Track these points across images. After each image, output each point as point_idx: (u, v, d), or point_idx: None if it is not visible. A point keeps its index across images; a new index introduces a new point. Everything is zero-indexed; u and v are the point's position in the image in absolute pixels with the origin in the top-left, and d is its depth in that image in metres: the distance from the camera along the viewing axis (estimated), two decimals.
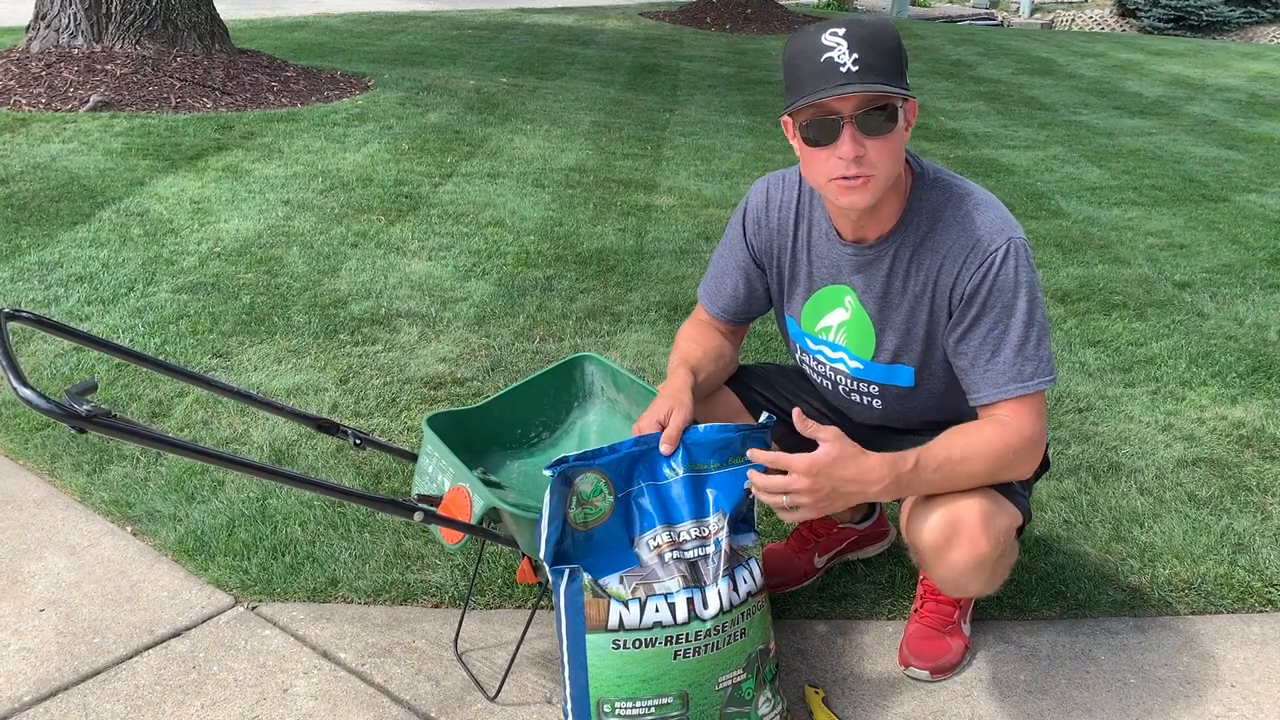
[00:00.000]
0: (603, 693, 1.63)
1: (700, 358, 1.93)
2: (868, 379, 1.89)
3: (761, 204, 1.92)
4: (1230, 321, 3.85)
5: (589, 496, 1.64)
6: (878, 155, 1.62)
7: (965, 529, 1.69)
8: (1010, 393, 1.70)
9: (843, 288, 1.85)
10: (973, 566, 1.72)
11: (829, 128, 1.61)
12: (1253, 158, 6.86)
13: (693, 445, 1.71)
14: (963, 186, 1.78)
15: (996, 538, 1.71)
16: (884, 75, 1.57)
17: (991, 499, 1.73)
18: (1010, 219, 1.74)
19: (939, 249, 1.73)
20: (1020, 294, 1.69)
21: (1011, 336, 1.70)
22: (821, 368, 1.96)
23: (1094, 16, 20.14)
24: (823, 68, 1.57)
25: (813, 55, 1.59)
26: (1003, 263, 1.69)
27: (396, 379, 3.13)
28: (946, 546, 1.71)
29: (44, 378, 3.01)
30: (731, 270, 1.97)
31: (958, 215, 1.74)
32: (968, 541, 1.69)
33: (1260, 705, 1.96)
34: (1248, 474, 2.78)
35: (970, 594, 1.82)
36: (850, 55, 1.56)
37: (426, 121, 6.54)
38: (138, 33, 7.00)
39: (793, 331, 1.98)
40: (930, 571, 1.79)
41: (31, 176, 4.87)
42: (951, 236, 1.73)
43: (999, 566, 1.77)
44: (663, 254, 4.36)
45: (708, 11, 14.62)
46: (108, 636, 2.04)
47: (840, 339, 1.88)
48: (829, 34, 1.58)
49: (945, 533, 1.70)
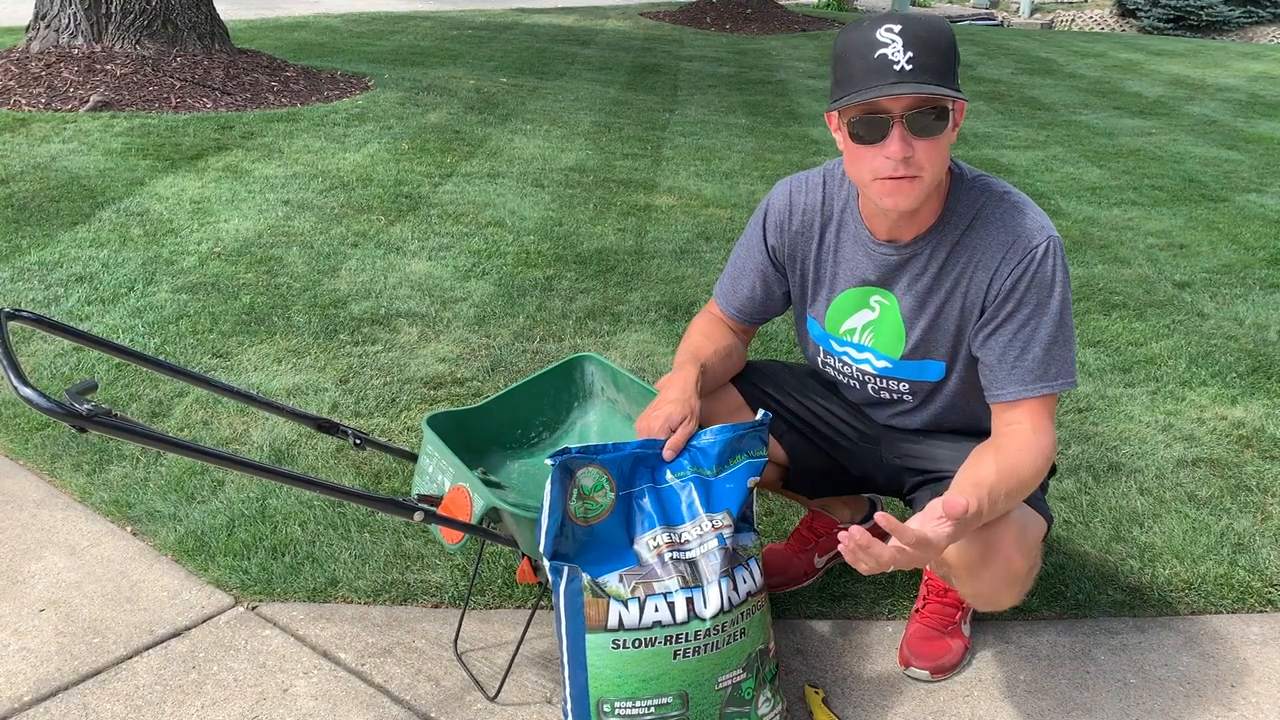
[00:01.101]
0: (602, 692, 1.63)
1: (711, 354, 1.93)
2: (897, 376, 1.87)
3: (784, 207, 1.90)
4: (1230, 321, 3.85)
5: (590, 491, 1.65)
6: (926, 156, 1.59)
7: (1000, 546, 1.66)
8: (1035, 391, 1.68)
9: (869, 289, 1.83)
10: (1006, 583, 1.69)
11: (878, 126, 1.57)
12: (1253, 158, 6.86)
13: (696, 450, 1.71)
14: (1000, 186, 1.77)
15: (1028, 551, 1.69)
16: (937, 76, 1.54)
17: (1020, 512, 1.70)
18: (1045, 219, 1.73)
19: (977, 246, 1.72)
20: (1055, 292, 1.68)
21: (1042, 334, 1.69)
22: (847, 369, 1.94)
23: (1094, 16, 20.14)
24: (876, 64, 1.54)
25: (866, 51, 1.55)
26: (1043, 259, 1.68)
27: (396, 379, 3.13)
28: (981, 564, 1.67)
29: (44, 377, 3.01)
30: (749, 272, 1.96)
31: (997, 213, 1.72)
32: (1002, 559, 1.66)
33: (1260, 705, 1.96)
34: (1248, 474, 2.78)
35: (1001, 608, 1.78)
36: (905, 54, 1.53)
37: (426, 121, 6.54)
38: (138, 33, 7.00)
39: (815, 334, 1.96)
40: (962, 587, 1.76)
41: (31, 176, 4.87)
42: (991, 233, 1.72)
43: (1029, 579, 1.75)
44: (663, 254, 4.36)
45: (708, 11, 14.62)
46: (108, 636, 2.04)
47: (867, 340, 1.87)
48: (884, 30, 1.55)
49: (979, 550, 1.65)
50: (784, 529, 2.45)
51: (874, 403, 1.98)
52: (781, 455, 2.06)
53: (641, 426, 1.75)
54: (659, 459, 1.71)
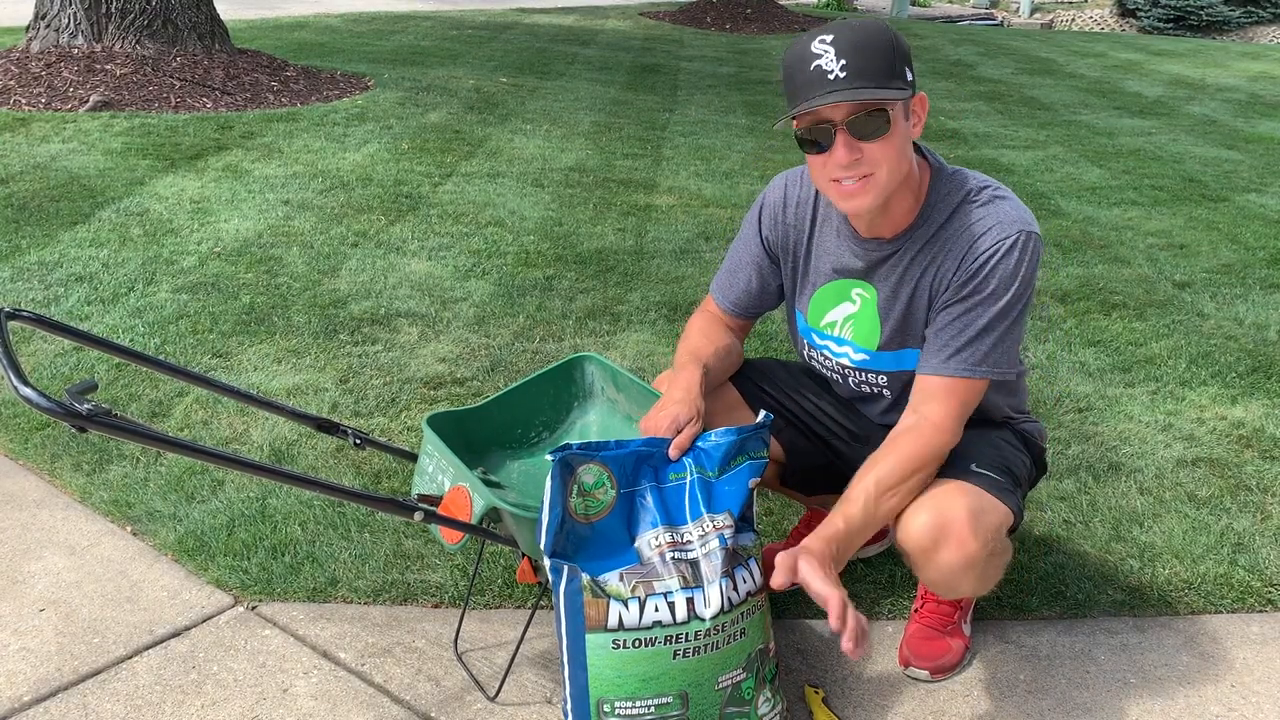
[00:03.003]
0: (602, 692, 1.63)
1: (711, 354, 1.95)
2: (875, 369, 1.91)
3: (779, 200, 1.94)
4: (1230, 321, 3.85)
5: (591, 488, 1.65)
6: (877, 155, 1.64)
7: (954, 530, 1.69)
8: (952, 371, 1.73)
9: (850, 282, 1.87)
10: (962, 567, 1.71)
11: (824, 134, 1.64)
12: (1253, 158, 6.86)
13: (700, 451, 1.72)
14: (981, 179, 1.79)
15: (986, 537, 1.71)
16: (874, 78, 1.59)
17: (978, 497, 1.73)
18: (1027, 213, 1.74)
19: (949, 237, 1.75)
20: (1012, 287, 1.70)
21: (982, 322, 1.72)
22: (829, 362, 1.98)
23: (1094, 16, 20.15)
24: (812, 76, 1.60)
25: (803, 65, 1.61)
26: (1007, 253, 1.70)
27: (396, 379, 3.13)
28: (935, 548, 1.70)
29: (44, 377, 3.01)
30: (746, 265, 1.99)
31: (974, 205, 1.75)
32: (956, 542, 1.69)
33: (1260, 705, 1.96)
34: (1248, 474, 2.78)
35: (962, 594, 1.82)
36: (838, 62, 1.58)
37: (426, 121, 6.54)
38: (138, 33, 7.00)
39: (800, 327, 2.00)
40: (920, 573, 1.79)
41: (31, 176, 4.87)
42: (965, 225, 1.74)
43: (990, 566, 1.76)
44: (663, 254, 4.36)
45: (708, 11, 14.62)
46: (107, 636, 2.04)
47: (846, 333, 1.90)
48: (817, 42, 1.61)
49: (933, 534, 1.69)
50: (784, 529, 2.45)
51: (858, 397, 2.01)
52: (779, 452, 2.07)
53: (647, 426, 1.76)
54: (663, 458, 1.71)
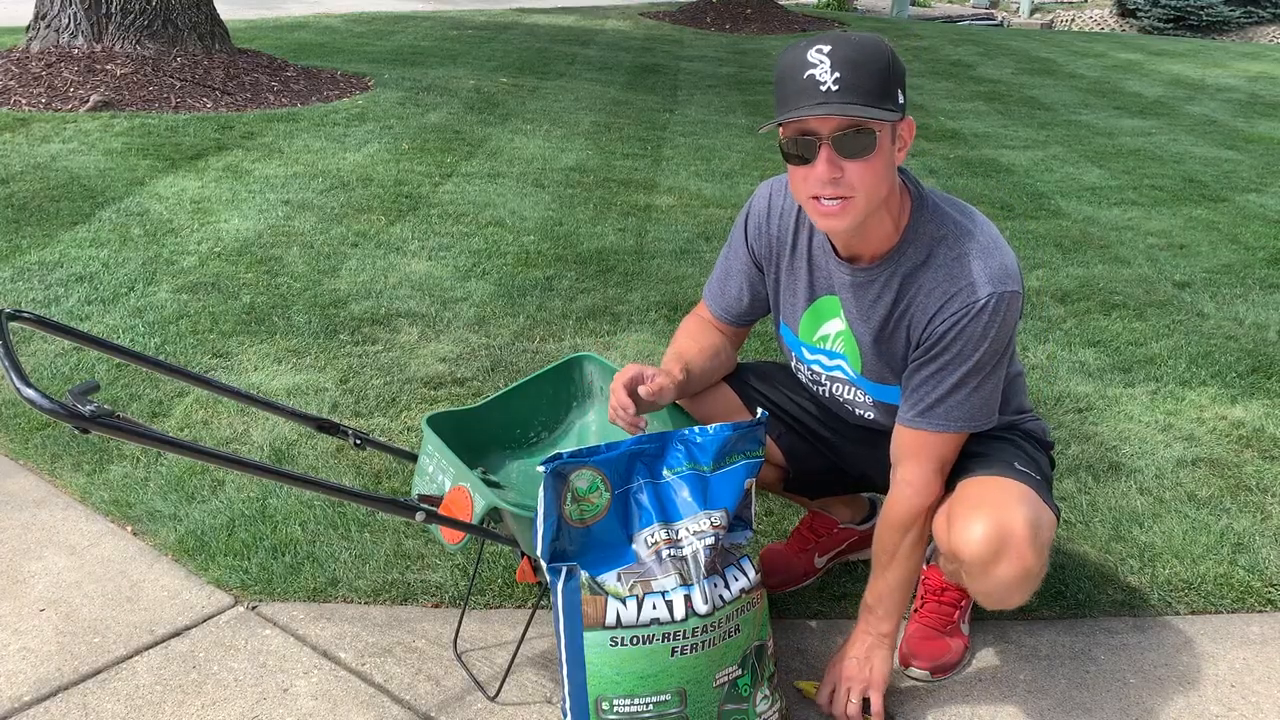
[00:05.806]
0: (601, 690, 1.64)
1: (695, 354, 1.93)
2: (864, 388, 1.89)
3: (763, 209, 1.90)
4: (1230, 321, 3.85)
5: (585, 493, 1.64)
6: (857, 178, 1.58)
7: (1013, 543, 1.65)
8: (922, 425, 1.75)
9: (834, 298, 1.84)
10: (1020, 580, 1.68)
11: (808, 147, 1.58)
12: (1253, 158, 6.86)
13: (693, 446, 1.71)
14: (965, 224, 1.72)
15: (1041, 550, 1.69)
16: (866, 96, 1.53)
17: (1035, 507, 1.71)
18: (1006, 269, 1.68)
19: (923, 286, 1.71)
20: (982, 347, 1.68)
21: (952, 380, 1.71)
22: (817, 376, 1.95)
23: (1094, 16, 20.15)
24: (804, 85, 1.55)
25: (797, 72, 1.56)
26: (978, 315, 1.66)
27: (396, 379, 3.13)
28: (994, 560, 1.67)
29: (44, 378, 3.01)
30: (735, 273, 1.97)
31: (950, 256, 1.70)
32: (1016, 556, 1.66)
33: (1260, 705, 1.96)
34: (1247, 474, 2.78)
35: (1011, 606, 1.78)
36: (832, 74, 1.53)
37: (426, 121, 6.54)
38: (138, 33, 7.00)
39: (788, 340, 1.97)
40: (972, 584, 1.75)
41: (31, 176, 4.87)
42: (939, 278, 1.70)
43: (1039, 580, 1.74)
44: (663, 254, 4.36)
45: (708, 11, 14.62)
46: (108, 636, 2.04)
47: (839, 347, 1.87)
48: (814, 51, 1.55)
49: (994, 546, 1.66)
50: (784, 529, 2.45)
51: (842, 411, 1.98)
52: (780, 456, 2.06)
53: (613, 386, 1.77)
54: (655, 454, 1.71)
